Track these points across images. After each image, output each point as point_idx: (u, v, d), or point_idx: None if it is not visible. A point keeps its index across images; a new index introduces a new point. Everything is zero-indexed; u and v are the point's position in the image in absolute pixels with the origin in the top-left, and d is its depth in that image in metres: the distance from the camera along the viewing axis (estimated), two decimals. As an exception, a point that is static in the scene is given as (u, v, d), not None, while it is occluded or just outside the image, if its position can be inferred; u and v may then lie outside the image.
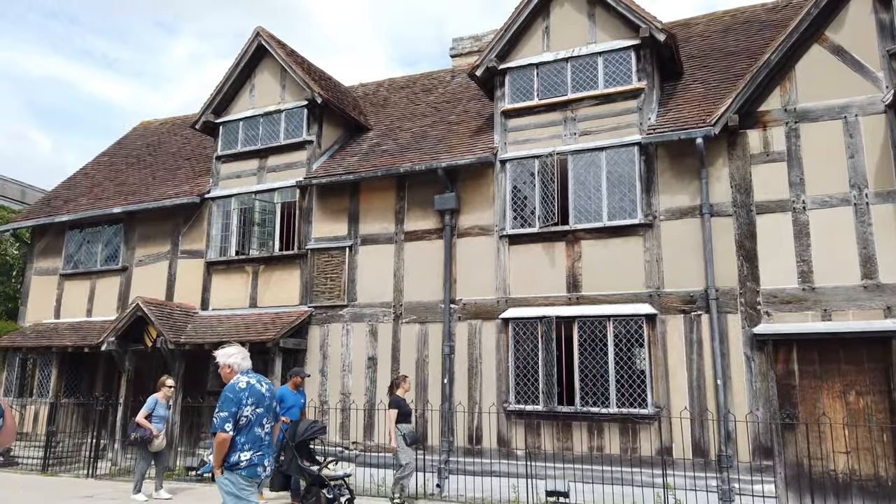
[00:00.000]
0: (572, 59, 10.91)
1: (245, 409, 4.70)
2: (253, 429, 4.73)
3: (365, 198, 12.22)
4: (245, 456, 4.66)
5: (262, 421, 4.81)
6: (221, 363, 4.91)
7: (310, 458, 8.25)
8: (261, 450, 4.75)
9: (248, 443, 4.69)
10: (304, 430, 8.04)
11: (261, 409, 4.80)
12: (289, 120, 13.18)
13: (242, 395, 4.72)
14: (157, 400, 9.60)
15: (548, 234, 10.54)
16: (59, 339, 13.38)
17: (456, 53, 16.27)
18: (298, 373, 9.58)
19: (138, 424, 9.29)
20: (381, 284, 11.74)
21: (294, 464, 7.97)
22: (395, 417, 8.95)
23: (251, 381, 4.82)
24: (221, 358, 4.92)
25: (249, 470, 4.66)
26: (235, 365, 4.89)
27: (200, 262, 13.49)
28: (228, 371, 4.88)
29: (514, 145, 11.12)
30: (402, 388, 9.25)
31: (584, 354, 9.97)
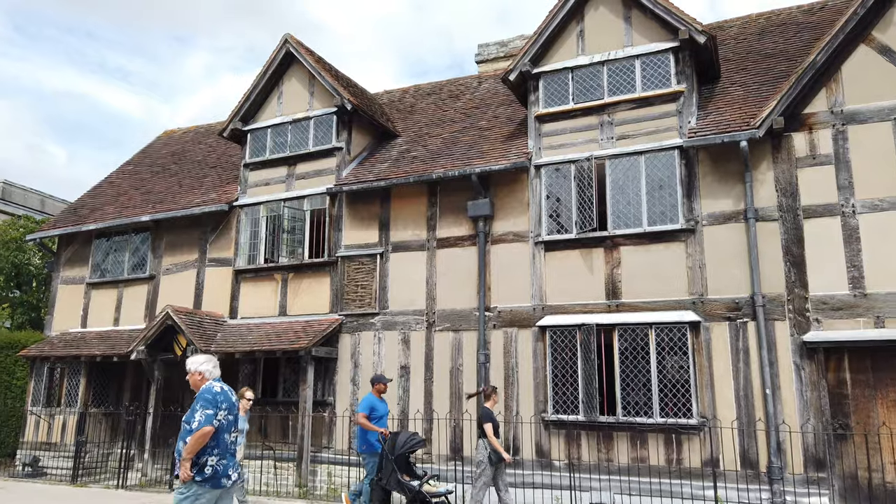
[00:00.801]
0: (608, 62, 10.75)
1: (220, 412, 4.81)
2: (223, 435, 4.84)
3: (396, 205, 12.08)
4: (211, 461, 4.72)
5: (231, 429, 4.94)
6: (192, 370, 5.01)
7: (410, 472, 7.86)
8: (226, 458, 4.84)
9: (217, 448, 4.77)
10: (403, 443, 7.69)
11: (231, 417, 4.94)
12: (318, 127, 13.09)
13: (218, 398, 4.85)
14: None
15: (585, 239, 10.35)
16: (87, 348, 13.31)
17: (481, 59, 16.15)
18: (382, 379, 9.06)
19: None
20: (413, 292, 11.58)
21: (393, 478, 7.61)
22: (492, 431, 8.20)
23: (224, 388, 4.97)
24: (192, 365, 5.03)
25: (214, 481, 4.73)
26: (207, 372, 5.01)
27: (228, 270, 13.39)
28: (199, 378, 4.98)
29: (548, 150, 10.96)
30: (493, 399, 8.58)
31: (626, 363, 9.74)
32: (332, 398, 11.82)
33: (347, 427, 11.54)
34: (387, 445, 7.82)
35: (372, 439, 8.41)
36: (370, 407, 8.59)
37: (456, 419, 10.74)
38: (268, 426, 12.21)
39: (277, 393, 12.39)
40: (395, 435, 7.97)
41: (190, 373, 5.04)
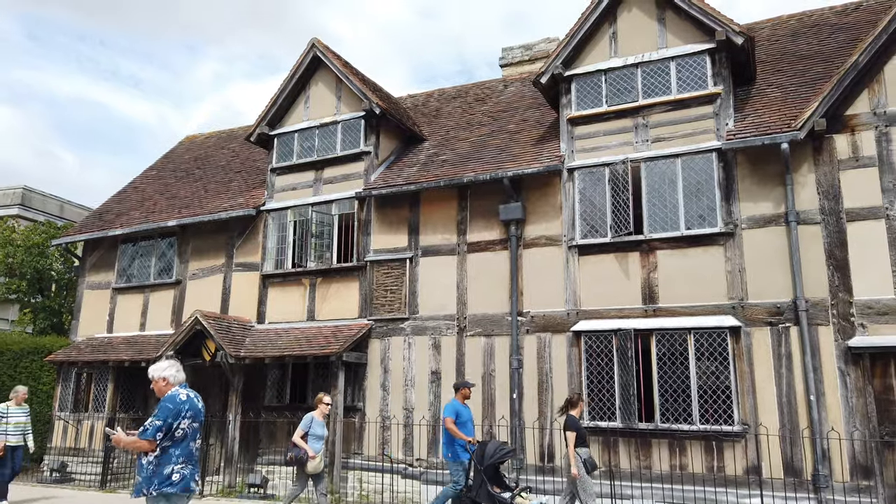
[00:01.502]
0: (642, 64, 10.64)
1: (184, 421, 4.71)
2: (188, 443, 4.75)
3: (425, 209, 12.01)
4: (177, 469, 4.65)
5: (196, 436, 4.87)
6: (156, 377, 4.89)
7: (500, 483, 7.52)
8: (192, 464, 4.78)
9: (182, 456, 4.71)
10: (492, 452, 7.37)
11: (196, 424, 4.85)
12: (345, 131, 13.05)
13: (182, 406, 4.73)
14: (314, 418, 8.68)
15: (621, 243, 10.22)
16: (115, 353, 13.30)
17: (506, 63, 16.08)
18: (466, 384, 8.73)
19: (294, 444, 8.49)
20: (443, 297, 11.48)
21: (484, 490, 7.27)
22: (573, 440, 7.96)
23: (190, 395, 4.86)
24: (155, 372, 4.91)
25: (182, 485, 4.68)
26: (171, 377, 4.90)
27: (256, 274, 13.35)
28: (164, 384, 4.87)
29: (581, 153, 10.85)
30: (579, 407, 8.35)
31: (664, 369, 9.59)
32: (362, 404, 11.73)
33: (377, 433, 11.45)
34: (475, 455, 7.49)
35: (458, 446, 8.14)
36: (455, 412, 8.33)
37: (488, 426, 10.62)
38: (296, 432, 12.11)
39: (307, 398, 12.30)
40: (483, 444, 7.65)
41: (154, 380, 4.90)
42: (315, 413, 8.79)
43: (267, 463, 12.19)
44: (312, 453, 8.40)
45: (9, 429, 9.83)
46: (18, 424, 9.98)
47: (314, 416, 8.74)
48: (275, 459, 12.13)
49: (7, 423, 9.84)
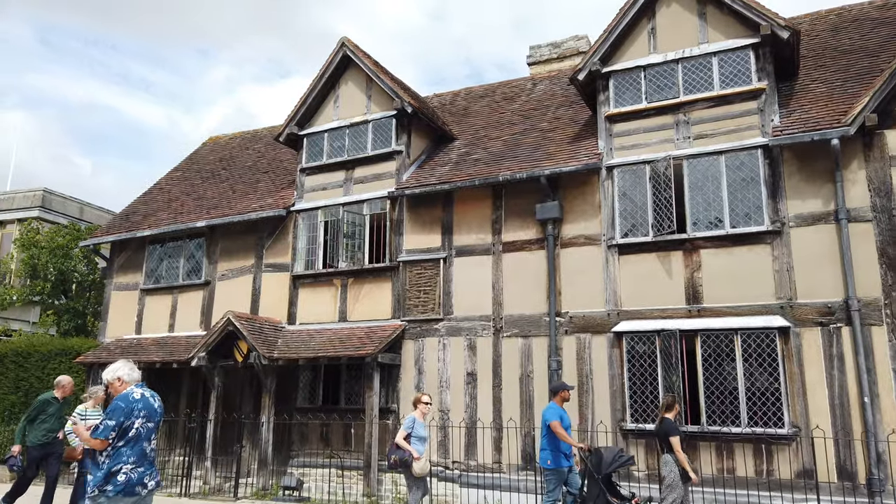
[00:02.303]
0: (683, 60, 10.45)
1: (137, 420, 4.67)
2: (141, 443, 4.69)
3: (459, 208, 11.86)
4: (126, 469, 4.59)
5: (150, 436, 4.80)
6: (110, 378, 4.87)
7: (615, 493, 7.20)
8: (143, 466, 4.70)
9: (132, 456, 4.64)
10: (610, 460, 7.09)
11: (151, 424, 4.79)
12: (376, 130, 12.93)
13: (135, 406, 4.70)
14: (416, 419, 8.25)
15: (663, 242, 10.04)
16: (145, 354, 13.24)
17: (533, 61, 15.92)
18: (564, 386, 8.18)
19: (397, 446, 8.06)
20: (478, 297, 11.33)
21: (602, 500, 6.96)
22: (679, 444, 7.68)
23: (145, 394, 4.83)
24: (108, 374, 4.88)
25: (128, 489, 4.58)
26: (125, 376, 4.88)
27: (286, 275, 13.25)
28: (119, 384, 4.85)
29: (620, 151, 10.68)
30: (675, 409, 8.07)
31: (710, 370, 9.39)
32: (396, 405, 11.59)
33: (412, 435, 11.29)
34: (590, 463, 7.15)
35: (561, 454, 7.59)
36: (559, 416, 7.75)
37: (527, 429, 10.45)
38: (330, 434, 12.02)
39: (339, 400, 12.20)
40: (599, 451, 7.28)
41: (109, 383, 4.87)
42: (416, 413, 8.31)
43: (300, 465, 12.08)
44: (417, 455, 7.94)
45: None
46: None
47: (415, 416, 8.27)
48: (308, 462, 12.02)
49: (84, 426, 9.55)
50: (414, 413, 8.34)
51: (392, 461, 7.97)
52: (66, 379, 9.06)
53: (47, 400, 8.68)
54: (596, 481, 7.05)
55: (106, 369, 4.97)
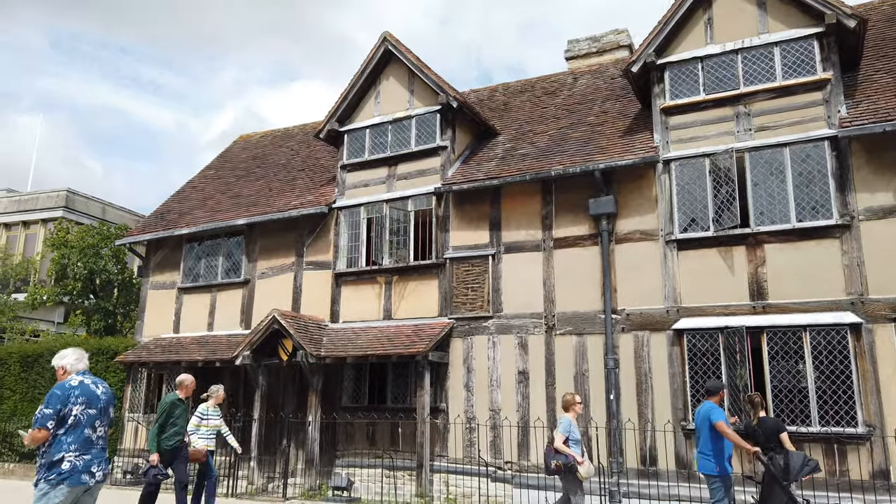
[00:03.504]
0: (743, 50, 10.21)
1: (74, 407, 4.60)
2: (82, 430, 4.62)
3: (507, 204, 11.66)
4: (69, 457, 4.51)
5: (93, 422, 4.72)
6: (56, 365, 4.86)
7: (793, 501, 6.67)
8: (89, 453, 4.63)
9: (74, 443, 4.57)
10: (800, 466, 6.61)
11: (93, 411, 4.71)
12: (420, 126, 12.75)
13: (71, 392, 4.64)
14: (571, 420, 7.83)
15: (725, 237, 9.79)
16: (186, 353, 13.11)
17: (572, 56, 15.68)
18: (721, 387, 7.48)
19: (557, 451, 7.56)
20: (529, 294, 11.12)
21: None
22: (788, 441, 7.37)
23: (84, 381, 4.76)
24: (56, 360, 4.88)
25: (72, 478, 4.51)
26: (68, 365, 4.83)
27: (327, 273, 13.09)
28: (62, 373, 4.82)
29: (677, 144, 10.44)
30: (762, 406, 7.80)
31: (776, 368, 9.15)
32: (445, 404, 11.40)
33: (462, 434, 11.11)
34: (774, 468, 6.69)
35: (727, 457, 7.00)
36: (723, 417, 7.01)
37: (583, 428, 10.22)
38: (376, 433, 11.84)
39: (386, 399, 12.02)
40: (784, 456, 6.81)
41: (56, 369, 4.87)
42: (569, 416, 7.84)
43: (346, 465, 11.90)
44: (580, 458, 7.53)
45: (208, 432, 8.89)
46: (216, 427, 9.04)
47: (570, 417, 7.82)
48: (354, 461, 11.85)
49: (207, 426, 8.90)
50: (567, 415, 7.83)
51: (555, 466, 7.44)
52: (188, 378, 8.61)
53: (173, 402, 8.23)
54: (781, 489, 6.54)
55: (56, 355, 4.94)
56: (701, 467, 6.95)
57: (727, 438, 6.78)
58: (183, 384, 8.50)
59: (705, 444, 6.89)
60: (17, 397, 15.77)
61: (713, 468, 6.77)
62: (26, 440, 4.59)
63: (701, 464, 6.93)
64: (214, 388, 9.25)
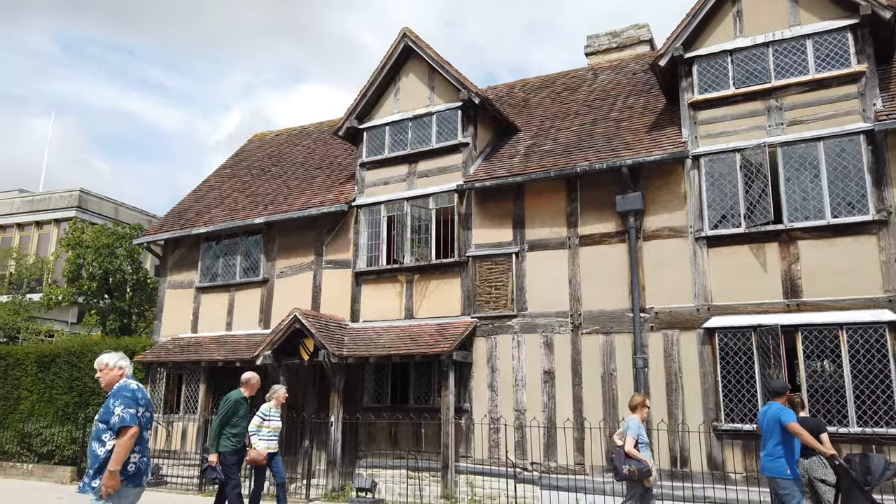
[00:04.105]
0: (774, 43, 10.00)
1: (140, 409, 4.68)
2: (143, 432, 4.72)
3: (530, 201, 11.49)
4: (134, 459, 4.56)
5: (148, 425, 4.89)
6: (112, 364, 4.79)
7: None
8: (146, 456, 4.77)
9: (138, 444, 4.64)
10: (882, 470, 6.34)
11: (148, 414, 4.85)
12: (441, 122, 12.60)
13: (138, 395, 4.71)
14: (639, 423, 7.42)
15: (756, 234, 9.60)
16: (206, 353, 13.01)
17: (592, 51, 15.51)
18: (786, 387, 7.06)
19: (628, 455, 7.13)
20: (554, 292, 10.95)
21: None
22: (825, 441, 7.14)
23: (140, 385, 4.85)
24: (111, 360, 4.81)
25: (137, 480, 4.61)
26: (126, 368, 4.84)
27: (347, 272, 12.96)
28: (119, 374, 4.79)
29: (707, 139, 10.25)
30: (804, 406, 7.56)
31: (812, 367, 8.95)
32: (469, 405, 11.24)
33: (487, 435, 10.96)
34: (853, 470, 6.42)
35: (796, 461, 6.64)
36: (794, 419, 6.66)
37: (610, 428, 10.05)
38: (398, 434, 11.70)
39: (408, 399, 11.87)
40: (864, 458, 6.54)
41: (107, 368, 4.77)
42: (636, 417, 7.45)
43: (368, 466, 11.77)
44: (651, 464, 7.16)
45: (270, 433, 8.46)
46: (277, 429, 8.61)
47: (637, 421, 7.43)
48: (376, 462, 11.71)
49: (268, 427, 8.46)
50: (634, 417, 7.46)
51: (628, 472, 7.06)
52: (254, 376, 8.14)
53: (237, 400, 7.82)
54: (865, 494, 6.28)
55: (106, 356, 4.87)
56: (770, 470, 6.64)
57: (801, 440, 6.52)
58: (248, 382, 8.05)
59: (776, 447, 6.59)
60: (34, 397, 15.72)
61: (784, 471, 6.50)
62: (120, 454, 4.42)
63: (770, 467, 6.63)
64: (276, 388, 8.84)
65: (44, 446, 14.27)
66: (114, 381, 4.75)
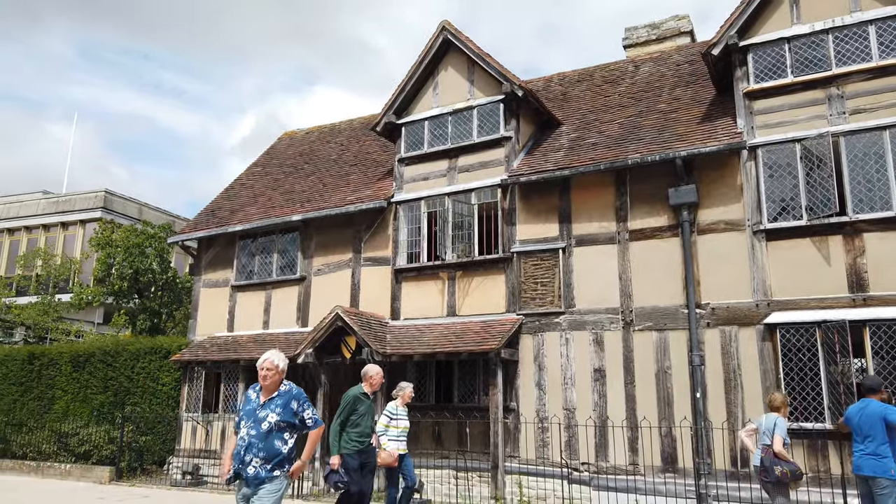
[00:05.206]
0: (834, 30, 9.68)
1: None
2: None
3: (577, 196, 11.24)
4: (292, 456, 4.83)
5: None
6: (282, 367, 4.84)
7: None
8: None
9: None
10: None
11: None
12: (482, 116, 12.37)
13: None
14: (785, 422, 7.04)
15: (819, 227, 9.28)
16: (245, 352, 12.87)
17: (630, 44, 15.23)
18: (881, 383, 6.77)
19: (776, 455, 6.66)
20: (603, 288, 10.69)
21: None
22: None
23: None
24: (281, 363, 4.85)
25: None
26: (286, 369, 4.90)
27: (386, 269, 12.76)
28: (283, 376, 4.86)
29: (764, 129, 9.94)
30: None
31: (882, 364, 8.62)
32: (515, 403, 11.00)
33: (534, 434, 10.71)
34: None
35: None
36: None
37: (667, 428, 9.77)
38: (443, 433, 11.49)
39: (452, 398, 11.66)
40: None
41: (276, 369, 4.80)
42: (779, 414, 7.04)
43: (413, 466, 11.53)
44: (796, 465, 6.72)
45: (398, 433, 7.99)
46: (405, 429, 8.13)
47: (784, 419, 7.01)
48: (420, 462, 11.42)
49: (396, 427, 8.02)
50: (776, 414, 7.02)
51: (780, 473, 6.60)
52: (375, 369, 7.37)
53: (357, 396, 7.10)
54: None
55: (275, 355, 4.86)
56: (872, 469, 6.32)
57: None
58: (368, 376, 7.27)
59: (881, 446, 6.30)
60: (68, 397, 15.68)
61: (889, 471, 6.21)
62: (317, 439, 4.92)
63: (873, 466, 6.32)
64: (404, 385, 8.36)
65: (81, 446, 14.20)
66: (278, 383, 4.80)
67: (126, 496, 11.36)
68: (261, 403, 4.76)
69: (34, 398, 16.16)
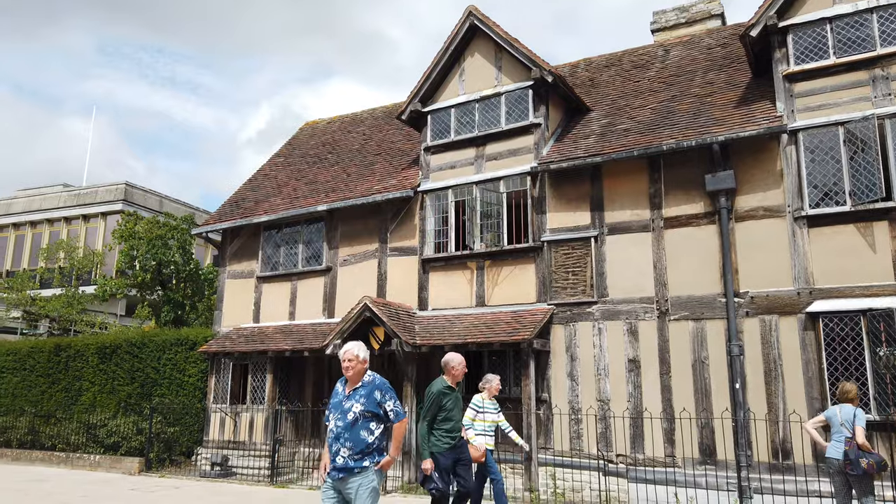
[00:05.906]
0: (878, 9, 9.36)
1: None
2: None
3: (609, 183, 11.01)
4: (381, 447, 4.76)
5: None
6: (362, 357, 4.80)
7: None
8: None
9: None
10: None
11: None
12: (510, 103, 12.15)
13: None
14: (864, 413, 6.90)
15: (864, 212, 9.00)
16: (272, 343, 12.82)
17: (658, 28, 14.89)
18: None
19: (861, 448, 6.54)
20: (637, 277, 10.48)
21: None
22: None
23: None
24: (361, 352, 4.81)
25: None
26: (366, 359, 4.83)
27: (413, 259, 12.63)
28: (365, 365, 4.81)
29: (805, 112, 9.65)
30: None
31: (931, 353, 8.35)
32: (547, 394, 10.85)
33: (567, 426, 10.56)
34: None
35: None
36: None
37: (705, 420, 9.58)
38: (473, 425, 11.34)
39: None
40: None
41: (357, 359, 4.76)
42: (853, 406, 6.85)
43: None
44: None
45: (485, 427, 7.59)
46: (494, 423, 7.73)
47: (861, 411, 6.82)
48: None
49: (482, 420, 7.59)
50: (852, 405, 6.83)
51: (867, 465, 6.42)
52: (458, 359, 6.69)
53: (441, 391, 6.49)
54: None
55: (354, 346, 4.81)
56: None
57: None
58: (450, 367, 6.63)
59: None
60: (95, 389, 15.76)
61: None
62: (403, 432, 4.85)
63: None
64: (490, 378, 7.91)
65: (109, 437, 14.28)
66: (361, 373, 4.79)
67: (157, 487, 11.38)
68: (346, 395, 4.79)
69: (61, 390, 16.27)
